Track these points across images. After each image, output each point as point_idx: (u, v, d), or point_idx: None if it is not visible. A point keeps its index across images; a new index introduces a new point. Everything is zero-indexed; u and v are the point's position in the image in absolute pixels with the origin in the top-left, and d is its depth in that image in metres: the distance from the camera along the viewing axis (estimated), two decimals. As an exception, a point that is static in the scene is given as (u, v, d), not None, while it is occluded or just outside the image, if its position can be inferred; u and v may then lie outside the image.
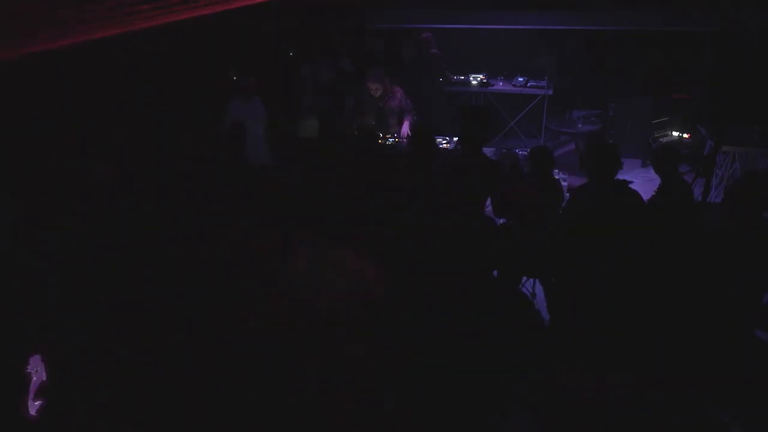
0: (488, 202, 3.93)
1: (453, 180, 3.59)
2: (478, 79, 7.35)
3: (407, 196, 3.58)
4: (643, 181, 6.85)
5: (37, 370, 2.50)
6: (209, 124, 5.35)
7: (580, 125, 7.22)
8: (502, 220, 3.92)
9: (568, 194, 4.86)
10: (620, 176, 3.57)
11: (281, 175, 3.87)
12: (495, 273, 3.61)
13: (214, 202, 3.51)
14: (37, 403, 2.50)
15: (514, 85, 7.42)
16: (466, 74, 7.36)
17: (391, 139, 5.49)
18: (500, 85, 7.49)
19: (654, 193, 3.79)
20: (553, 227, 3.46)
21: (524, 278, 3.84)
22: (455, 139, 5.53)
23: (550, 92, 7.19)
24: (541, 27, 7.13)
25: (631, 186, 3.60)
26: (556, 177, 4.83)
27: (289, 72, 6.65)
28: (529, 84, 7.38)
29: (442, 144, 5.47)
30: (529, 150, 4.13)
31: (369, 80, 5.49)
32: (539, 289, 3.91)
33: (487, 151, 5.65)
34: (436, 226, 3.27)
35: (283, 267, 2.79)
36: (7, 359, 2.54)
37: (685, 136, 6.76)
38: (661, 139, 6.97)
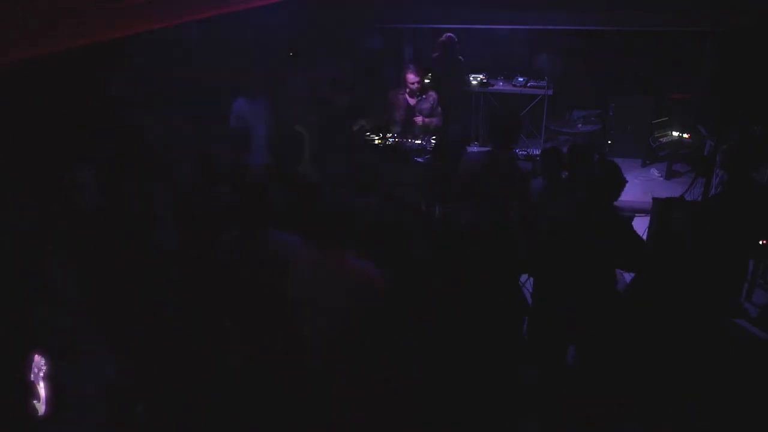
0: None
1: (480, 180, 3.73)
2: (478, 79, 7.34)
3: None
4: (644, 181, 6.86)
5: (38, 370, 2.50)
6: (212, 122, 5.29)
7: (580, 125, 7.22)
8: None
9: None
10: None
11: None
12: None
13: (212, 203, 3.47)
14: (37, 402, 2.49)
15: (514, 85, 7.41)
16: (467, 74, 7.35)
17: (391, 139, 5.47)
18: (500, 85, 7.48)
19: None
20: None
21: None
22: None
23: (550, 92, 7.19)
24: (541, 27, 7.12)
25: (632, 185, 3.63)
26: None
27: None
28: (529, 84, 7.37)
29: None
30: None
31: (409, 72, 5.38)
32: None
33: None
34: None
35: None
36: (7, 359, 2.53)
37: (685, 136, 6.76)
38: (661, 139, 6.98)
